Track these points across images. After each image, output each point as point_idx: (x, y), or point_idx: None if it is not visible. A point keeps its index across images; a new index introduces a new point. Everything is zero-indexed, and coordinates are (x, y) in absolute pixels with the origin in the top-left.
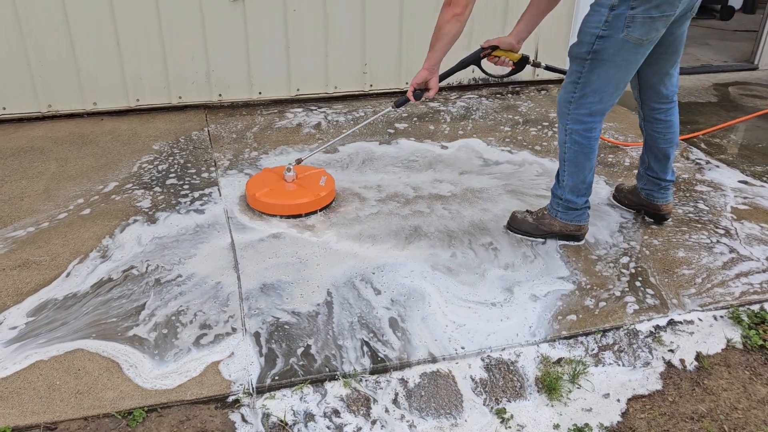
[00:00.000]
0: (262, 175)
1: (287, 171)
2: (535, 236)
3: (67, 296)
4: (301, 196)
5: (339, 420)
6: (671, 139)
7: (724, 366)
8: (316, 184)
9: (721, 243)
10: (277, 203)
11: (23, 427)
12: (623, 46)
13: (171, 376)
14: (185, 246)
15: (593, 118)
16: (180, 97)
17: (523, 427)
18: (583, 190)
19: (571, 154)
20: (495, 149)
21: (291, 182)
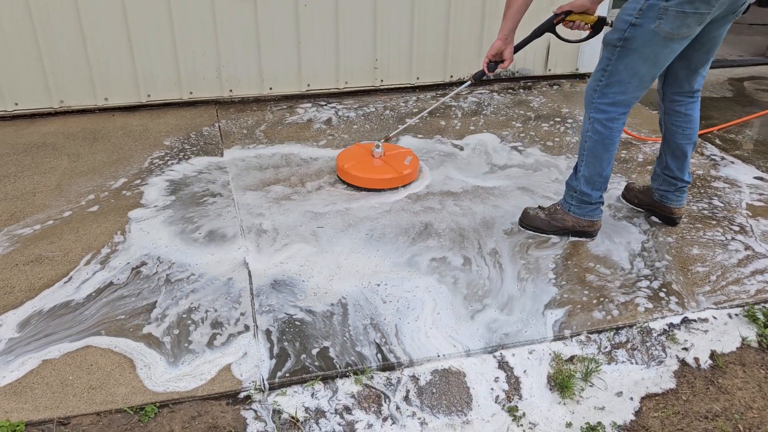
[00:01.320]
0: (352, 149)
1: (376, 147)
2: (547, 232)
3: (80, 292)
4: (385, 172)
5: (350, 417)
6: (690, 136)
7: (739, 365)
8: (400, 163)
9: (736, 240)
10: (363, 176)
11: (36, 422)
12: (653, 37)
13: (185, 378)
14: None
15: (616, 108)
16: (191, 93)
17: (536, 425)
18: (599, 183)
19: (591, 143)
20: (506, 146)
21: (378, 158)
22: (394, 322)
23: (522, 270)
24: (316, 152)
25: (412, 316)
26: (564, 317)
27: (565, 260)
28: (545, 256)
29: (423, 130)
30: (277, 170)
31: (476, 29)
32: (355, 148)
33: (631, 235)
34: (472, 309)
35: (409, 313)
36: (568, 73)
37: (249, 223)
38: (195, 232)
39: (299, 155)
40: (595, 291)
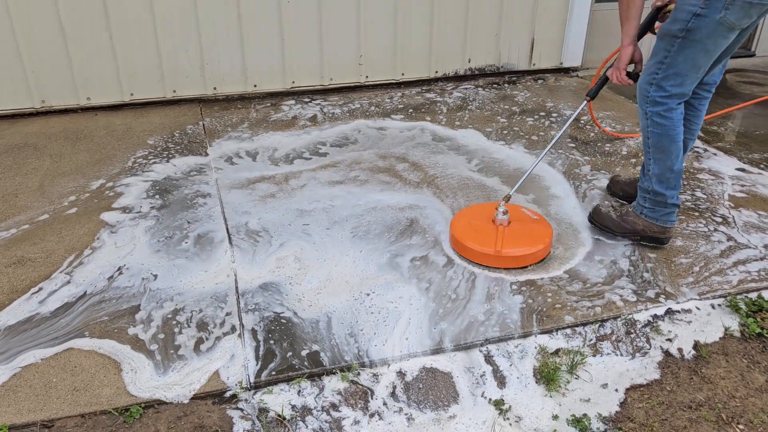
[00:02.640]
0: (471, 212)
1: (501, 214)
2: (616, 233)
3: (62, 295)
4: (512, 245)
5: (337, 414)
6: (694, 131)
7: (722, 354)
8: (532, 233)
9: (718, 231)
10: (482, 252)
11: (20, 425)
12: (717, 28)
13: (174, 388)
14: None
15: (672, 99)
16: (174, 91)
17: (522, 418)
18: (672, 180)
19: (655, 138)
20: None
21: (502, 226)
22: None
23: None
24: (298, 141)
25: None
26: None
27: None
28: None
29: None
30: (263, 167)
31: (460, 24)
32: (474, 210)
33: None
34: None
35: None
36: (552, 67)
37: (235, 222)
38: (180, 232)
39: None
40: (578, 282)
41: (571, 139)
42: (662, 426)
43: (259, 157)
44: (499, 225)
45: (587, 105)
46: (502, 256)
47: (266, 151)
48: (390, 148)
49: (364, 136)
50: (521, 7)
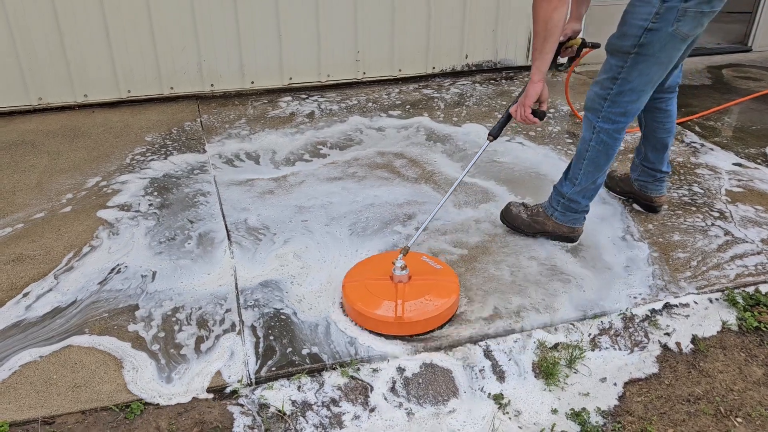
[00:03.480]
0: (364, 267)
1: (399, 269)
2: (527, 233)
3: (60, 293)
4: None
5: (337, 409)
6: (670, 129)
7: (720, 348)
8: (427, 295)
9: (716, 226)
10: (381, 319)
11: (21, 422)
12: (670, 40)
13: (175, 397)
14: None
15: (626, 118)
16: (172, 88)
17: (521, 412)
18: (591, 192)
19: (594, 153)
20: None
21: (401, 282)
22: None
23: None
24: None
25: None
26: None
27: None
28: (526, 244)
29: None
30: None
31: (457, 20)
32: (368, 266)
33: (612, 223)
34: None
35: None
36: None
37: (234, 219)
38: (179, 231)
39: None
40: (577, 279)
41: (568, 135)
42: (661, 419)
43: (261, 159)
44: (398, 282)
45: (488, 144)
46: (405, 323)
47: (266, 153)
48: (388, 146)
49: (366, 136)
50: (518, 3)
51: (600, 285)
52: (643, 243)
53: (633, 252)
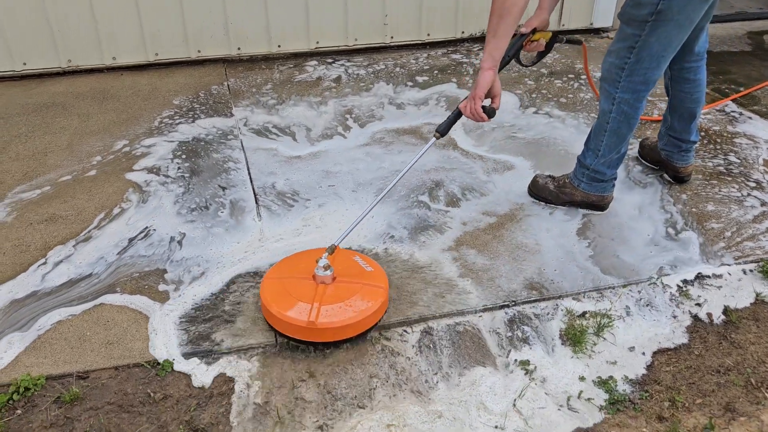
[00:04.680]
0: (291, 262)
1: (321, 269)
2: (555, 204)
3: (92, 253)
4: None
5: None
6: (698, 99)
7: (753, 320)
8: (350, 299)
9: (752, 196)
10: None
11: (56, 376)
12: (689, 3)
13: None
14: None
15: (646, 86)
16: (199, 51)
17: (547, 379)
18: (615, 161)
19: (615, 124)
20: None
21: (324, 284)
22: None
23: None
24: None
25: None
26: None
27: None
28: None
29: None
30: (287, 128)
31: None
32: (289, 264)
33: (644, 192)
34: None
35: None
36: (582, 27)
37: (262, 183)
38: (207, 195)
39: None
40: (607, 248)
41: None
42: (689, 389)
43: (289, 133)
44: (321, 283)
45: (435, 141)
46: (317, 329)
47: (298, 128)
48: (411, 121)
49: (388, 110)
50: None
51: (630, 254)
52: (676, 213)
53: (665, 221)
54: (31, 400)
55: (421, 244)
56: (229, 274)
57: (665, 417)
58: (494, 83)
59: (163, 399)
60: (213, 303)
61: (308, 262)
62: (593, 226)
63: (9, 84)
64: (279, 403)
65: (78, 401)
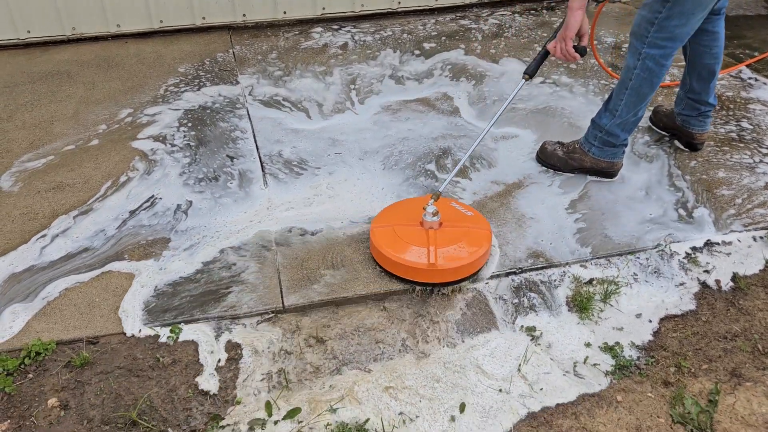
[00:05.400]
0: (392, 212)
1: (429, 215)
2: (564, 171)
3: (100, 222)
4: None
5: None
6: (717, 54)
7: (762, 287)
8: (458, 242)
9: (764, 163)
10: (404, 262)
11: (67, 341)
12: None
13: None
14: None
15: (673, 43)
16: (204, 18)
17: (552, 344)
18: (631, 125)
19: (638, 81)
20: None
21: (432, 229)
22: None
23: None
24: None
25: None
26: (584, 241)
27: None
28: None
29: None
30: (294, 95)
31: None
32: (400, 208)
33: (655, 159)
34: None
35: None
36: None
37: (268, 151)
38: (213, 162)
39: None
40: (616, 214)
41: (613, 68)
42: (696, 355)
43: (297, 107)
44: (429, 228)
45: (524, 84)
46: (438, 270)
47: (307, 102)
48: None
49: (396, 78)
50: None
51: (638, 220)
52: (686, 179)
53: (674, 188)
54: (42, 365)
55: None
56: (235, 240)
57: (671, 382)
58: (583, 23)
59: (172, 363)
60: (219, 270)
61: (409, 210)
62: (588, 199)
63: (14, 52)
64: (287, 367)
65: (88, 365)
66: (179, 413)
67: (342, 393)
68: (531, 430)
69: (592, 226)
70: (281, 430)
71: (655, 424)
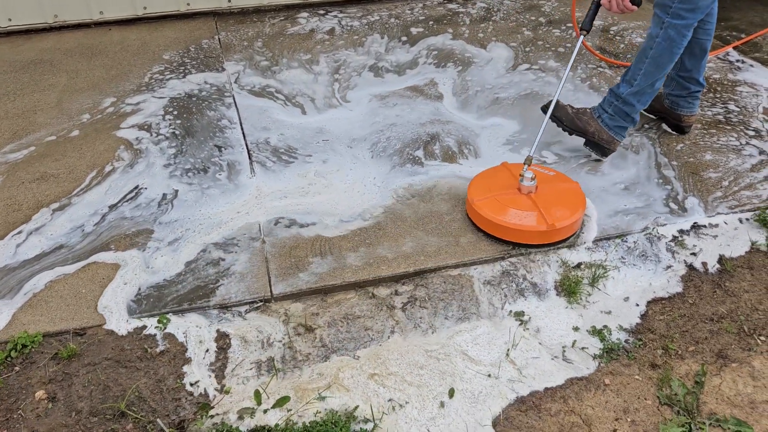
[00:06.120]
0: (496, 172)
1: (528, 179)
2: (566, 127)
3: (84, 212)
4: (527, 220)
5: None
6: (710, 31)
7: (747, 268)
8: (559, 202)
9: (750, 145)
10: (497, 222)
11: (53, 333)
12: None
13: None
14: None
15: (695, 14)
16: (188, 4)
17: (541, 329)
18: (647, 96)
19: (658, 50)
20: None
21: (527, 194)
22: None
23: None
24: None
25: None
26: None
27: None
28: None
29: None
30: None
31: None
32: (500, 171)
33: (643, 142)
34: None
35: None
36: None
37: (255, 138)
38: (201, 151)
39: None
40: (602, 197)
41: (601, 51)
42: (683, 337)
43: (284, 101)
44: (528, 193)
45: (582, 39)
46: (557, 230)
47: (301, 98)
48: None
49: (384, 65)
50: None
51: (626, 204)
52: (673, 162)
53: (662, 171)
54: (29, 357)
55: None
56: (225, 231)
57: (658, 364)
58: None
59: (159, 354)
60: (207, 260)
61: (497, 178)
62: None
63: None
64: (276, 356)
65: (76, 357)
66: (168, 403)
67: (329, 381)
68: (520, 414)
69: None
70: (270, 418)
71: (643, 406)
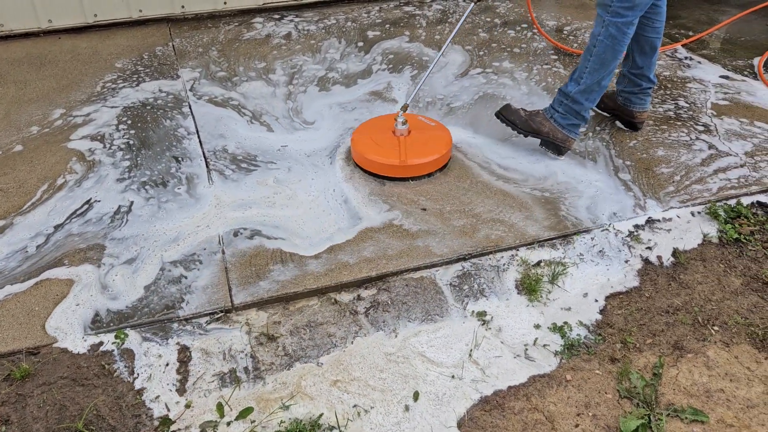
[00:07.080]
0: (372, 124)
1: (399, 123)
2: (520, 130)
3: (35, 228)
4: (411, 155)
5: (328, 330)
6: (659, 29)
7: (700, 260)
8: (429, 141)
9: (700, 140)
10: (382, 162)
11: (5, 354)
12: None
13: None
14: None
15: (633, 11)
16: (140, 11)
17: (503, 328)
18: (595, 94)
19: (602, 48)
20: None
21: (402, 136)
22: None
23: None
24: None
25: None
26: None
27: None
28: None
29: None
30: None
31: None
32: (375, 123)
33: (595, 140)
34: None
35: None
36: None
37: (211, 146)
38: (156, 162)
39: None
40: (561, 197)
41: (553, 51)
42: (640, 330)
43: (239, 103)
44: (400, 136)
45: (472, 7)
46: (407, 166)
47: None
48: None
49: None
50: None
51: (583, 201)
52: (627, 159)
53: (616, 169)
54: None
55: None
56: (185, 247)
57: (617, 358)
58: None
59: (118, 370)
60: (167, 275)
61: (382, 124)
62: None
63: None
64: (238, 367)
65: (29, 377)
66: (128, 420)
67: (292, 390)
68: (484, 413)
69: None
70: (234, 431)
71: (603, 401)
